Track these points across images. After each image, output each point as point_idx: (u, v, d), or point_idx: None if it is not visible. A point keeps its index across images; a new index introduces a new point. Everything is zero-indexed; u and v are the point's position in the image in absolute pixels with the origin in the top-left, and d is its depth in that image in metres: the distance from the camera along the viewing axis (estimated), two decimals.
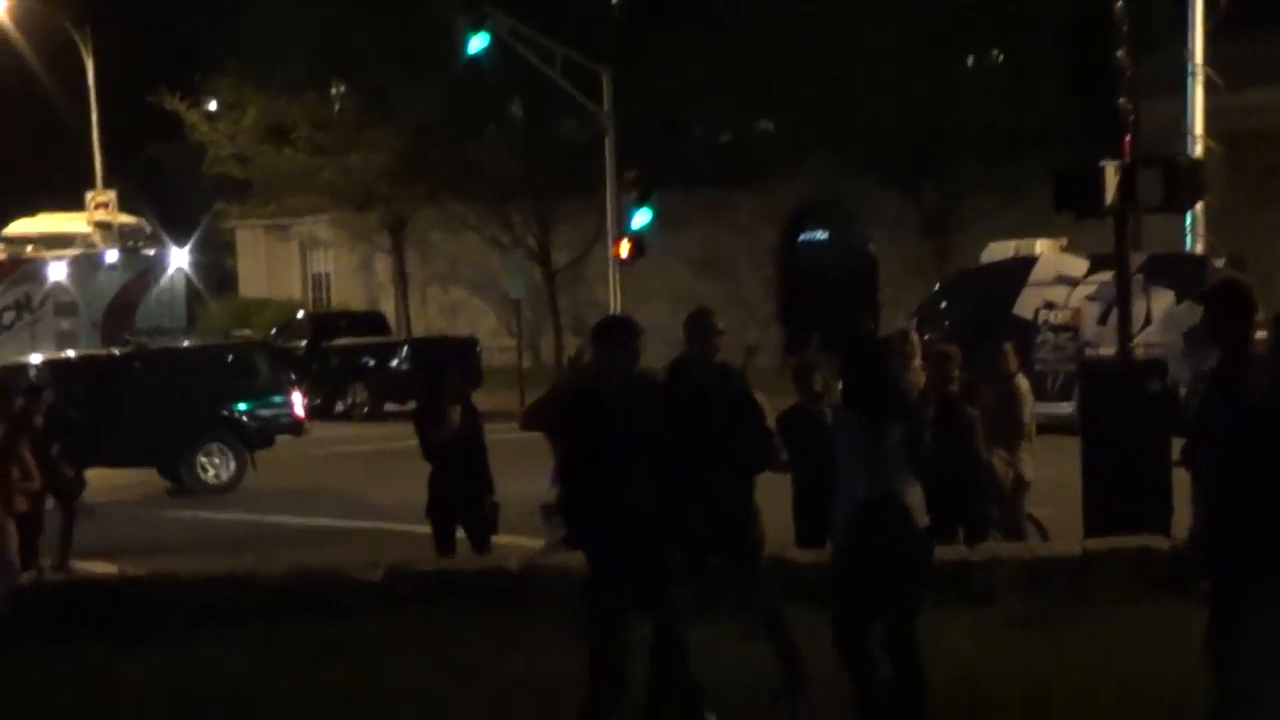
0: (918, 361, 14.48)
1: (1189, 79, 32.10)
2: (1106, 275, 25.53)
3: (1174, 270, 29.25)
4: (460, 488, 14.14)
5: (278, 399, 26.90)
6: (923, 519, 8.98)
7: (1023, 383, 14.71)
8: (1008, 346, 14.84)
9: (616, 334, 9.38)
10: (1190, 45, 32.08)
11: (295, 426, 26.98)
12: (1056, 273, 30.31)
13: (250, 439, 25.71)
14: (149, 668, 11.32)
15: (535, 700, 10.20)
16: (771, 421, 10.56)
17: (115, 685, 10.95)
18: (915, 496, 8.92)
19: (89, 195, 48.32)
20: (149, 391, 25.25)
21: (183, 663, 11.39)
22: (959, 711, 9.48)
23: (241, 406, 26.11)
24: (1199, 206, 26.95)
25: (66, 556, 16.95)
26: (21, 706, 10.64)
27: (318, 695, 10.47)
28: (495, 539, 14.65)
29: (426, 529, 14.45)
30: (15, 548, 12.99)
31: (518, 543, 15.85)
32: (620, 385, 9.13)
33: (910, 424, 8.95)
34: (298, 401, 27.35)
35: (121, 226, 47.77)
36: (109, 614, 12.72)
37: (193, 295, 47.89)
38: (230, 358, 28.53)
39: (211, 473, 25.20)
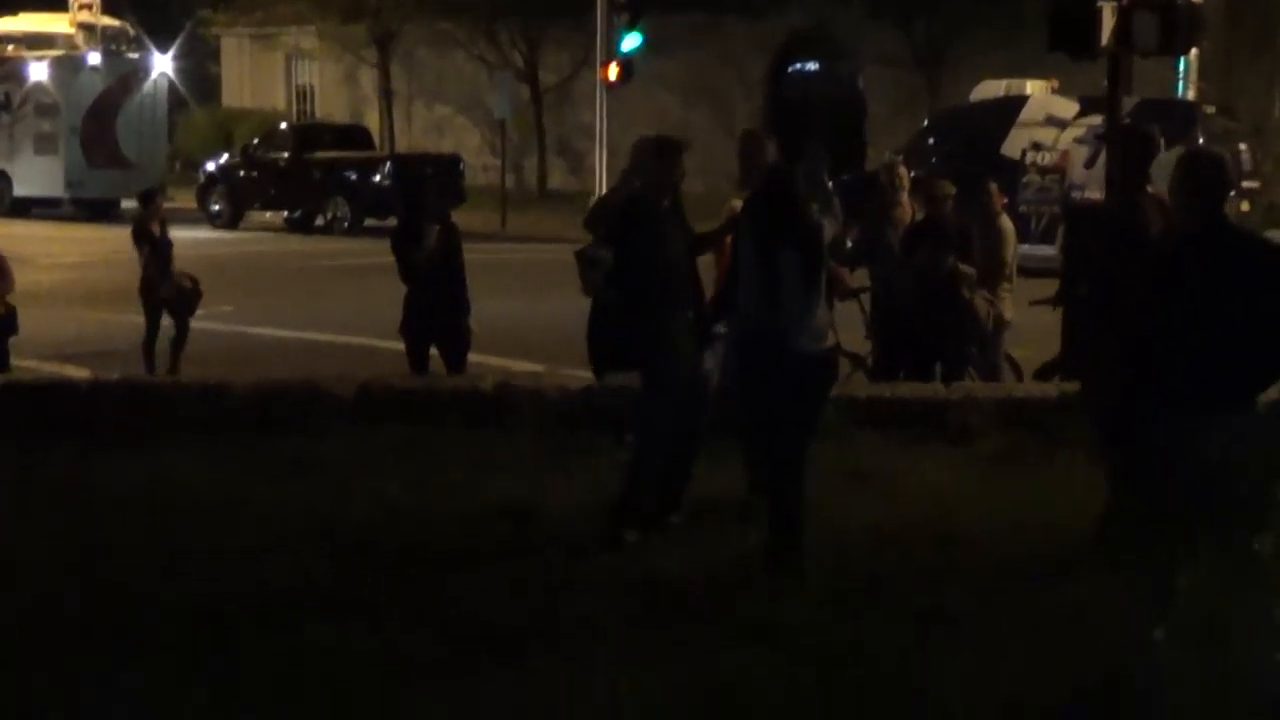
0: (904, 195, 14.42)
1: None
2: (1096, 118, 25.39)
3: (1164, 116, 29.04)
4: (437, 307, 14.04)
5: None
6: (823, 342, 9.30)
7: (1006, 223, 14.63)
8: (992, 186, 14.75)
9: (670, 150, 10.23)
10: None
11: None
12: (1046, 114, 30.14)
13: None
14: (119, 473, 11.28)
15: (511, 520, 10.20)
16: None
17: (85, 488, 10.93)
18: (809, 320, 9.14)
19: None
20: None
21: (153, 470, 11.35)
22: (932, 544, 9.55)
23: None
24: (1193, 52, 26.72)
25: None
26: None
27: (289, 507, 10.45)
28: (471, 359, 14.59)
29: (403, 347, 14.39)
30: None
31: (493, 363, 15.83)
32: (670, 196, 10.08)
33: (805, 247, 9.13)
34: None
35: (105, 28, 47.17)
36: (80, 419, 12.66)
37: (175, 102, 47.42)
38: None
39: None
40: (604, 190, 35.62)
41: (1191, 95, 32.66)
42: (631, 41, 37.09)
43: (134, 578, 9.07)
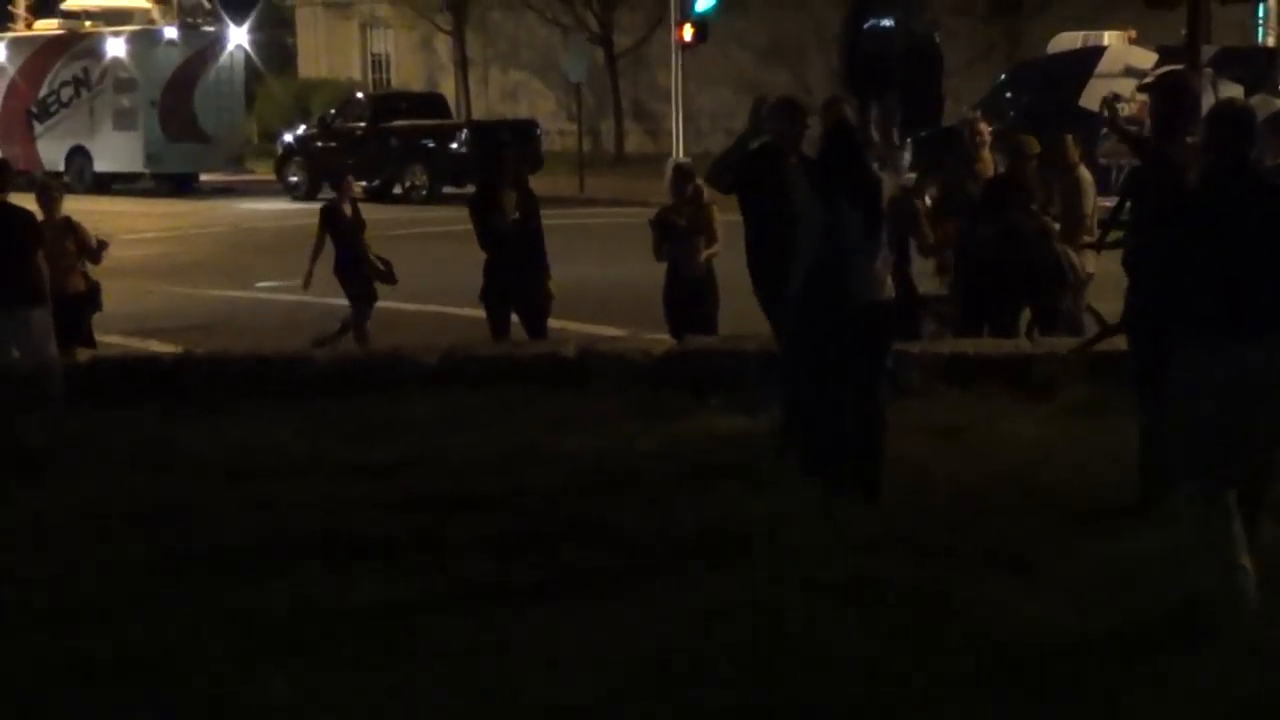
0: (985, 151, 14.33)
1: None
2: (1176, 67, 25.17)
3: (1243, 63, 28.81)
4: (516, 273, 14.07)
5: None
6: (882, 291, 9.64)
7: (1085, 174, 14.51)
8: (1068, 138, 14.63)
9: (793, 111, 10.82)
10: None
11: None
12: (1124, 64, 29.91)
13: None
14: (205, 438, 11.40)
15: (591, 475, 10.27)
16: None
17: (172, 453, 11.05)
18: (874, 266, 9.57)
19: None
20: None
21: (238, 436, 11.45)
22: (1013, 494, 9.57)
23: None
24: None
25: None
26: (76, 469, 10.74)
27: (371, 469, 10.53)
28: (551, 324, 14.62)
29: (483, 314, 14.43)
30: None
31: (571, 328, 15.86)
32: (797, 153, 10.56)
33: (865, 201, 9.55)
34: None
35: (181, 2, 47.45)
36: (168, 389, 12.79)
37: (251, 74, 47.64)
38: None
39: None
40: (680, 152, 35.63)
41: (1271, 42, 32.32)
42: (705, 1, 36.97)
43: (209, 527, 9.26)
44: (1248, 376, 7.46)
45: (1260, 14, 31.48)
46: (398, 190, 39.34)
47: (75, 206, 16.75)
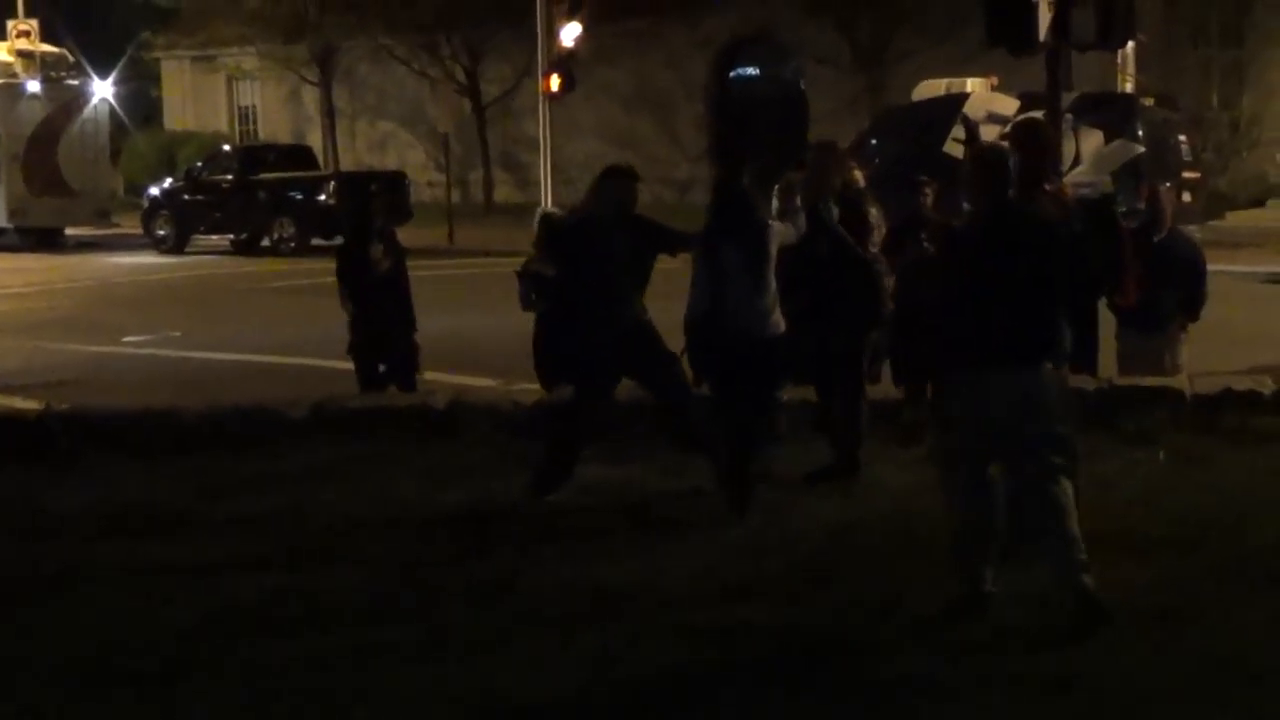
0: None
1: None
2: (1037, 114, 25.49)
3: (1103, 109, 29.24)
4: (384, 326, 14.03)
5: None
6: (768, 326, 10.35)
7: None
8: (927, 187, 14.73)
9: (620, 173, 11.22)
10: None
11: None
12: (987, 111, 30.21)
13: None
14: (74, 497, 11.26)
15: (468, 529, 10.25)
16: None
17: (41, 512, 10.90)
18: (756, 304, 10.33)
19: (10, 23, 47.38)
20: None
21: (108, 493, 11.33)
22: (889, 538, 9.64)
23: None
24: (1130, 45, 26.87)
25: None
26: None
27: (246, 524, 10.45)
28: (419, 375, 14.58)
29: (351, 367, 14.37)
30: None
31: (440, 379, 15.81)
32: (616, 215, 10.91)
33: (754, 243, 10.34)
34: None
35: (44, 55, 46.90)
36: (34, 446, 12.61)
37: (116, 127, 47.21)
38: None
39: None
40: (549, 201, 35.68)
41: (1130, 87, 32.84)
42: (572, 32, 36.74)
43: (82, 594, 9.08)
44: (999, 405, 8.04)
45: (1120, 60, 31.94)
46: (266, 242, 39.09)
47: None
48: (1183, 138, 31.33)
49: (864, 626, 8.23)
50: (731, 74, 47.94)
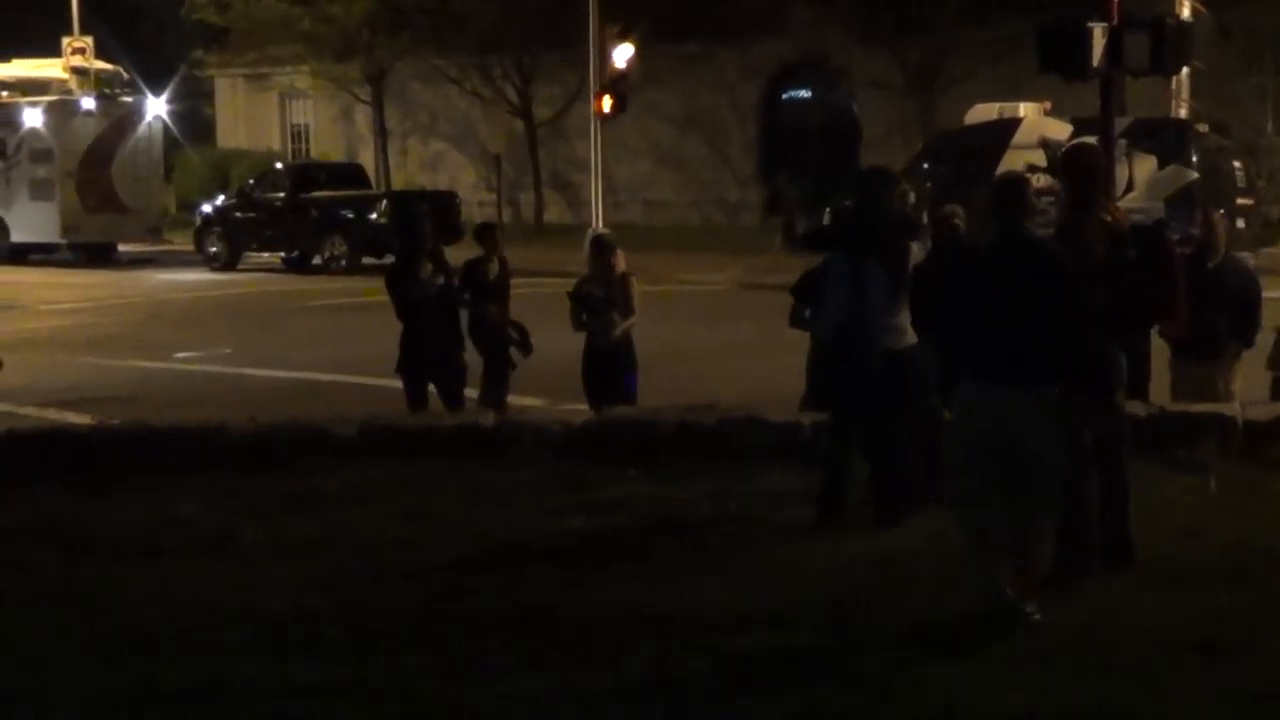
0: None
1: None
2: (1089, 139, 25.40)
3: (1157, 135, 29.13)
4: (432, 344, 14.03)
5: None
6: (904, 340, 10.57)
7: None
8: (955, 218, 14.66)
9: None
10: None
11: None
12: (1039, 136, 30.16)
13: None
14: (118, 517, 11.26)
15: (511, 551, 10.20)
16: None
17: (84, 533, 10.89)
18: (894, 321, 10.57)
19: (66, 41, 47.77)
20: None
21: (153, 513, 11.32)
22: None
23: None
24: (1184, 70, 26.77)
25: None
26: None
27: (289, 545, 10.43)
28: (468, 395, 14.58)
29: (400, 385, 14.38)
30: None
31: None
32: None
33: (890, 262, 10.56)
34: None
35: (98, 73, 47.26)
36: (79, 464, 12.63)
37: (170, 145, 47.45)
38: None
39: None
40: (599, 222, 35.71)
41: (1184, 113, 32.71)
42: (624, 54, 36.79)
43: (120, 612, 9.08)
44: (994, 418, 8.46)
45: (1173, 86, 31.81)
46: (317, 261, 39.22)
47: None
48: (1237, 164, 31.18)
49: (894, 656, 8.15)
50: (783, 96, 48.17)
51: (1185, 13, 30.31)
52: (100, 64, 47.94)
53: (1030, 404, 8.49)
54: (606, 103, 37.07)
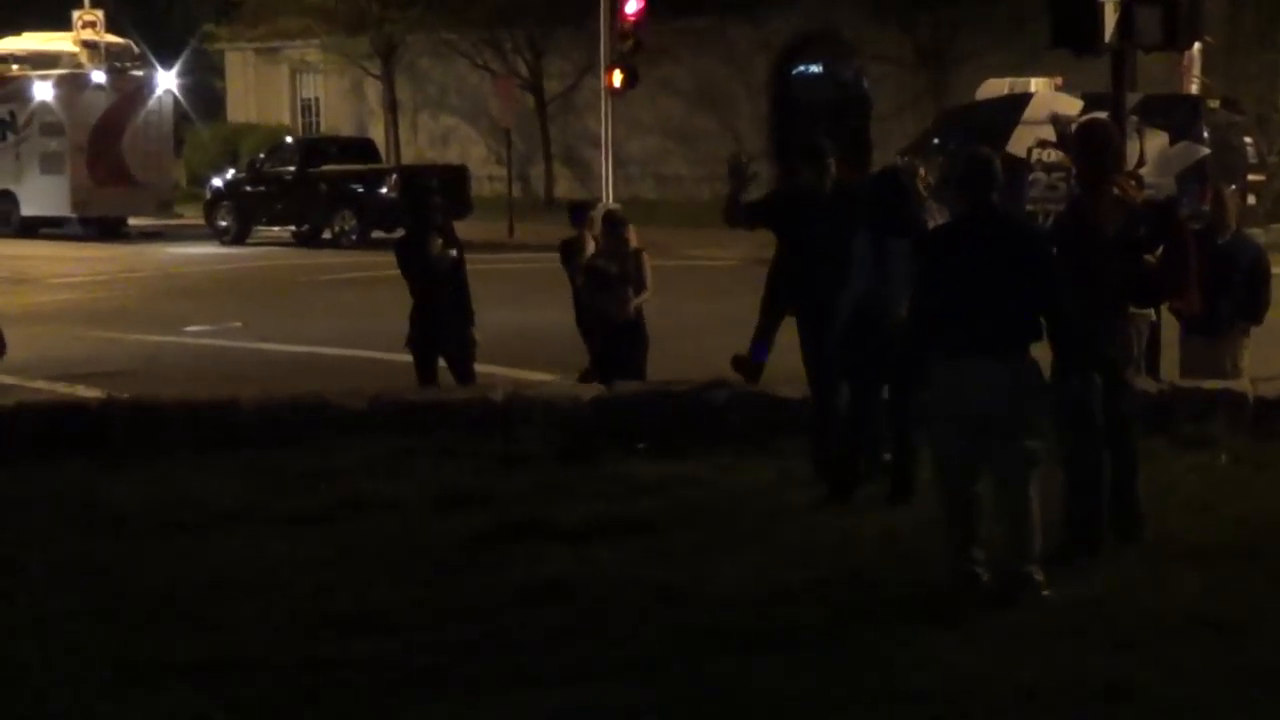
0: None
1: None
2: (1101, 115, 25.35)
3: (1168, 111, 29.05)
4: (442, 319, 14.03)
5: None
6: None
7: None
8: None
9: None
10: None
11: None
12: (1050, 111, 30.09)
13: None
14: (132, 491, 11.27)
15: (523, 525, 10.20)
16: None
17: (95, 506, 10.92)
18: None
19: (76, 14, 47.70)
20: None
21: (164, 487, 11.35)
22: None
23: None
24: (1196, 47, 26.66)
25: None
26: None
27: (300, 519, 10.46)
28: (479, 369, 14.59)
29: (410, 359, 14.39)
30: None
31: (498, 373, 15.83)
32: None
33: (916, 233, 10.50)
34: None
35: (109, 46, 47.19)
36: (92, 437, 12.65)
37: (180, 118, 47.44)
38: None
39: None
40: (610, 197, 35.69)
41: (1195, 89, 32.62)
42: (637, 14, 36.32)
43: (132, 588, 9.10)
44: (968, 390, 8.50)
45: (1185, 62, 31.71)
46: (327, 235, 39.25)
47: (2, 251, 16.59)
48: (1248, 140, 31.10)
49: (904, 632, 8.16)
50: (793, 71, 48.11)
51: None
52: (110, 37, 47.85)
53: (1007, 378, 8.54)
54: (617, 77, 36.99)
